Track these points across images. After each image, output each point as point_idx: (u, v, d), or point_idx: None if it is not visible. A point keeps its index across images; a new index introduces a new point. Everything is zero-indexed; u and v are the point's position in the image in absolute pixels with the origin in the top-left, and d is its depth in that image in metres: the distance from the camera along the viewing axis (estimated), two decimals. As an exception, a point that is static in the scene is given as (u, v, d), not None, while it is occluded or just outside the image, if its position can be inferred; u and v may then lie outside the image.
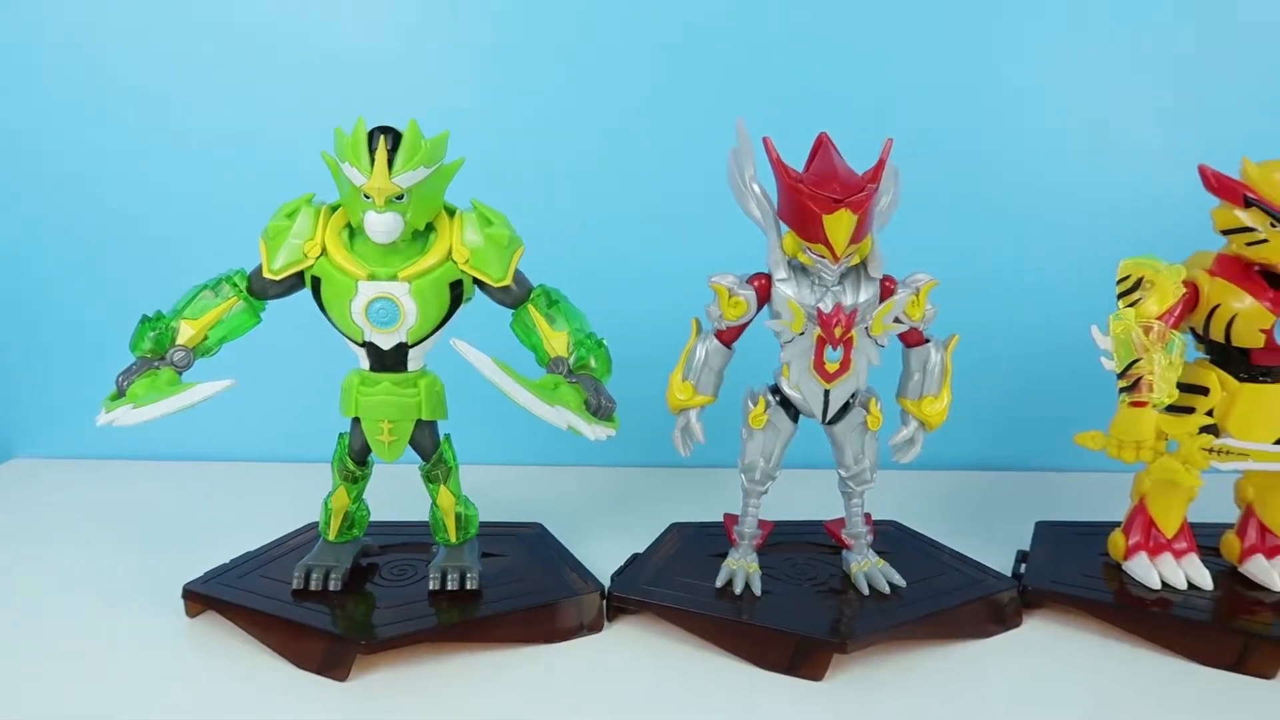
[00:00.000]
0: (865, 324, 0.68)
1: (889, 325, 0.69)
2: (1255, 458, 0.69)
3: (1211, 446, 0.69)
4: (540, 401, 0.65)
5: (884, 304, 0.68)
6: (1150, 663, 0.70)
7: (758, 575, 0.74)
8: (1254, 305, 0.70)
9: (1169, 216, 0.85)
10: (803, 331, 0.69)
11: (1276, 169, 0.69)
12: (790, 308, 0.68)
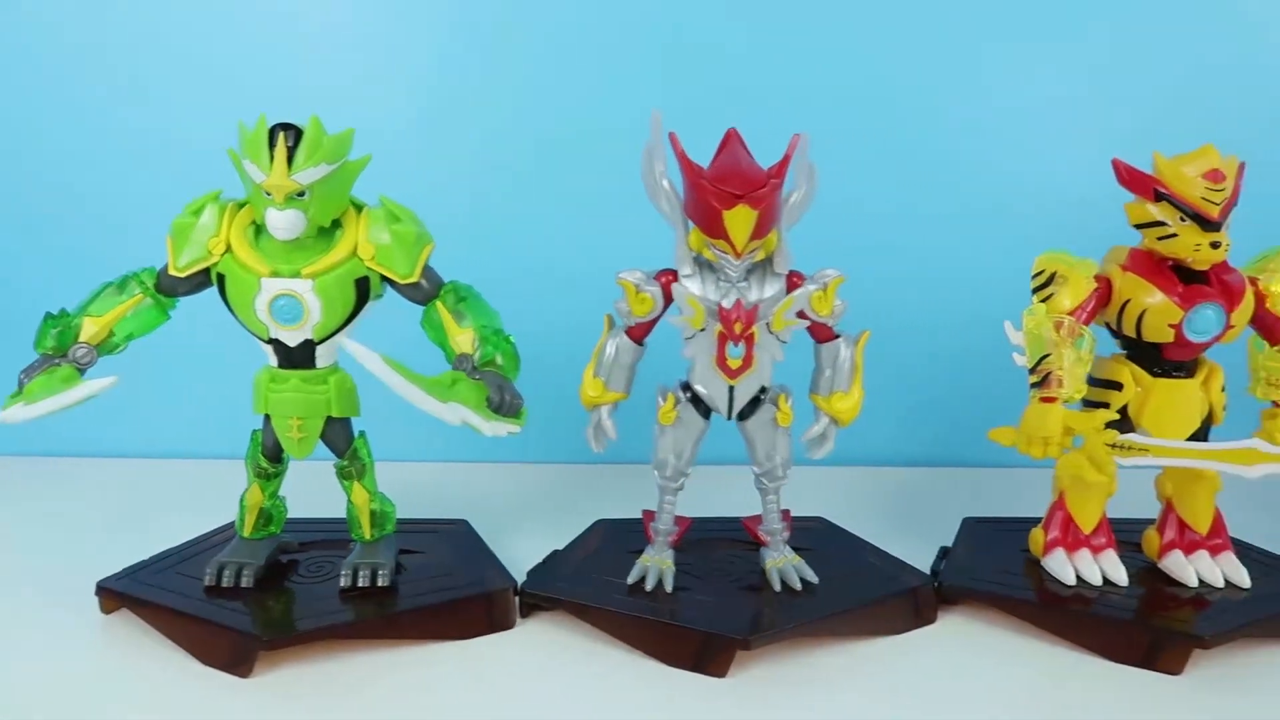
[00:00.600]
0: (766, 320, 0.68)
1: (790, 321, 0.68)
2: (1154, 453, 0.69)
3: (1114, 442, 0.69)
4: (431, 398, 0.64)
5: (784, 299, 0.68)
6: (1060, 659, 0.70)
7: (671, 572, 0.74)
8: (1163, 300, 0.70)
9: (1103, 212, 0.85)
10: (704, 328, 0.68)
11: (1186, 163, 0.69)
12: (690, 304, 0.68)
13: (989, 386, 1.04)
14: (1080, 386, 0.70)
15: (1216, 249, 0.68)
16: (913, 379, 1.06)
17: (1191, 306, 0.69)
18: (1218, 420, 0.74)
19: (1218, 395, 0.73)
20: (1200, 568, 0.75)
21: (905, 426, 1.07)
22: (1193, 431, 0.72)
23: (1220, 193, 0.67)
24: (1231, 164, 0.69)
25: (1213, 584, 0.74)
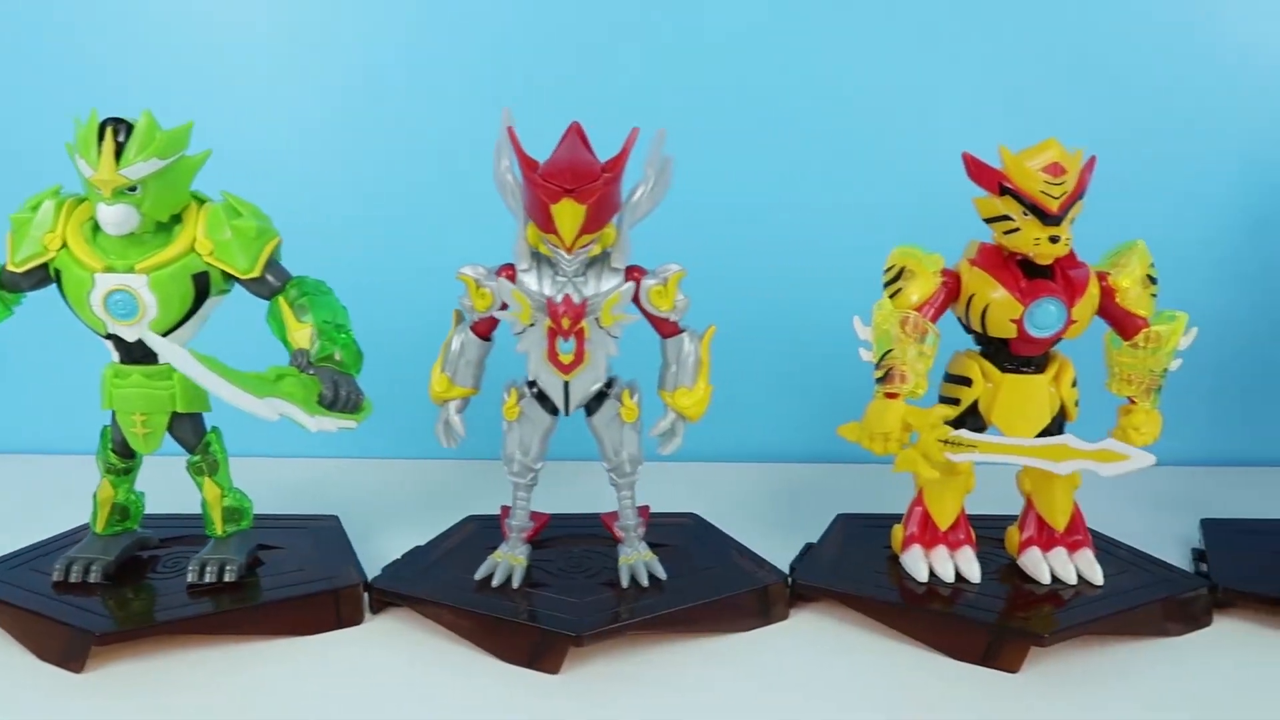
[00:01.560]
0: (596, 315, 0.67)
1: (619, 316, 0.68)
2: (981, 449, 0.68)
3: (945, 438, 0.68)
4: (246, 394, 0.64)
5: (610, 294, 0.67)
6: (903, 656, 0.69)
7: (522, 568, 0.74)
8: (1005, 295, 0.69)
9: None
10: (533, 323, 0.68)
11: (1031, 157, 0.68)
12: (516, 298, 0.67)
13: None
14: (922, 382, 0.69)
15: (1056, 243, 0.67)
16: (804, 374, 1.06)
17: (1032, 301, 0.68)
18: (1070, 416, 0.73)
19: (1068, 391, 0.72)
20: (1055, 565, 0.74)
21: (795, 421, 1.06)
22: (1044, 427, 0.72)
23: (1060, 187, 0.67)
24: (1075, 158, 0.68)
25: (1066, 581, 0.73)
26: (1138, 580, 0.74)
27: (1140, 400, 0.72)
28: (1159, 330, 0.70)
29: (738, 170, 1.01)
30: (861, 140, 1.02)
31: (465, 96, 1.00)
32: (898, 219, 1.00)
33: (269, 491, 0.92)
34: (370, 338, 0.73)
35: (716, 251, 0.99)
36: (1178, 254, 0.99)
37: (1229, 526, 0.84)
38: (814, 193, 1.02)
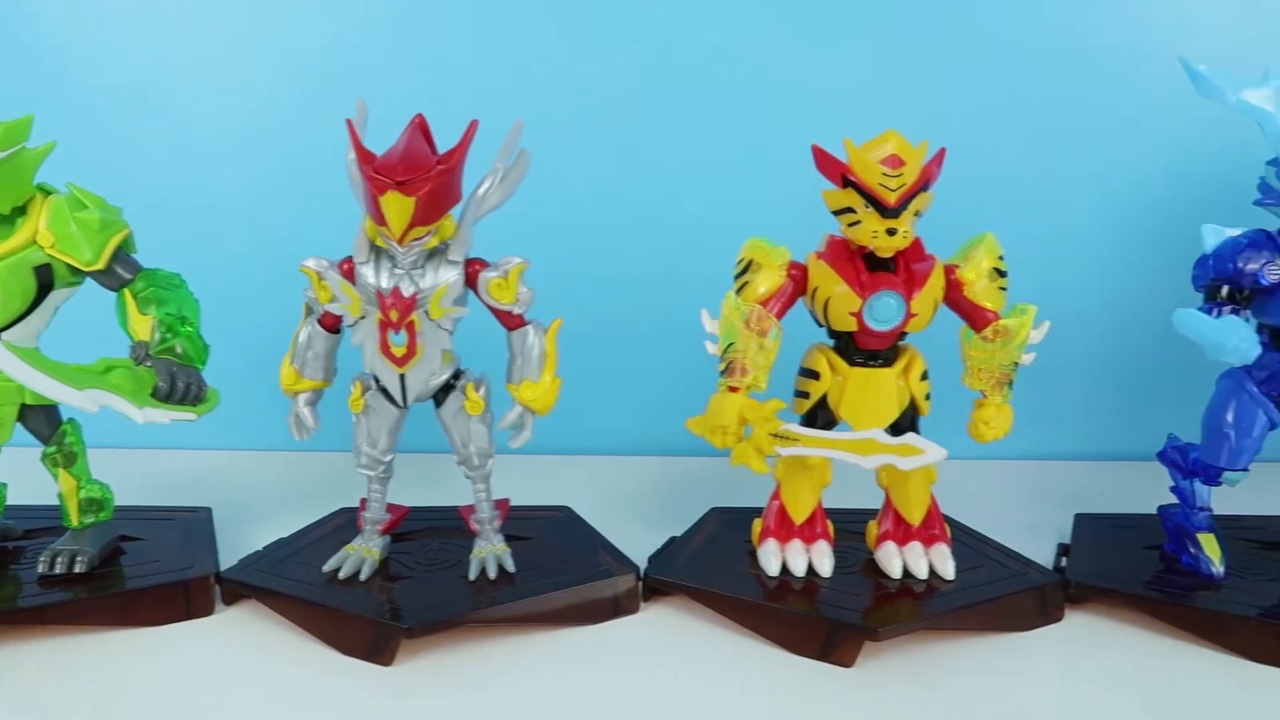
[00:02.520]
0: (425, 308, 0.67)
1: (448, 309, 0.68)
2: (805, 443, 0.67)
3: (775, 432, 0.68)
4: (61, 386, 0.64)
5: (438, 287, 0.67)
6: (745, 650, 0.69)
7: (373, 561, 0.74)
8: (845, 288, 0.69)
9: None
10: (363, 315, 0.68)
11: (872, 150, 0.67)
12: (344, 291, 0.67)
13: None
14: (762, 376, 0.69)
15: (894, 236, 0.67)
16: (696, 366, 1.05)
17: (871, 294, 0.68)
18: (922, 410, 0.73)
19: (917, 384, 0.72)
20: (909, 559, 0.74)
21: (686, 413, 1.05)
22: (892, 421, 0.71)
23: (898, 179, 0.66)
24: (917, 151, 0.67)
25: (917, 575, 0.73)
26: (993, 575, 0.74)
27: (991, 394, 0.71)
28: (1007, 323, 0.70)
29: (606, 167, 1.01)
30: (755, 136, 1.01)
31: (333, 90, 0.99)
32: (786, 217, 1.01)
33: (150, 483, 0.93)
34: (255, 331, 0.73)
35: (609, 244, 1.00)
36: (1063, 250, 1.01)
37: (1102, 521, 0.84)
38: (699, 189, 1.02)
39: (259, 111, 1.02)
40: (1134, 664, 0.68)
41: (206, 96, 1.01)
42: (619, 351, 1.03)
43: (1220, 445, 0.72)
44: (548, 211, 0.98)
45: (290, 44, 1.00)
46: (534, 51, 1.00)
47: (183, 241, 0.88)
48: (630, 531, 0.82)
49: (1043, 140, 1.00)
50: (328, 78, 1.00)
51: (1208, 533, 0.75)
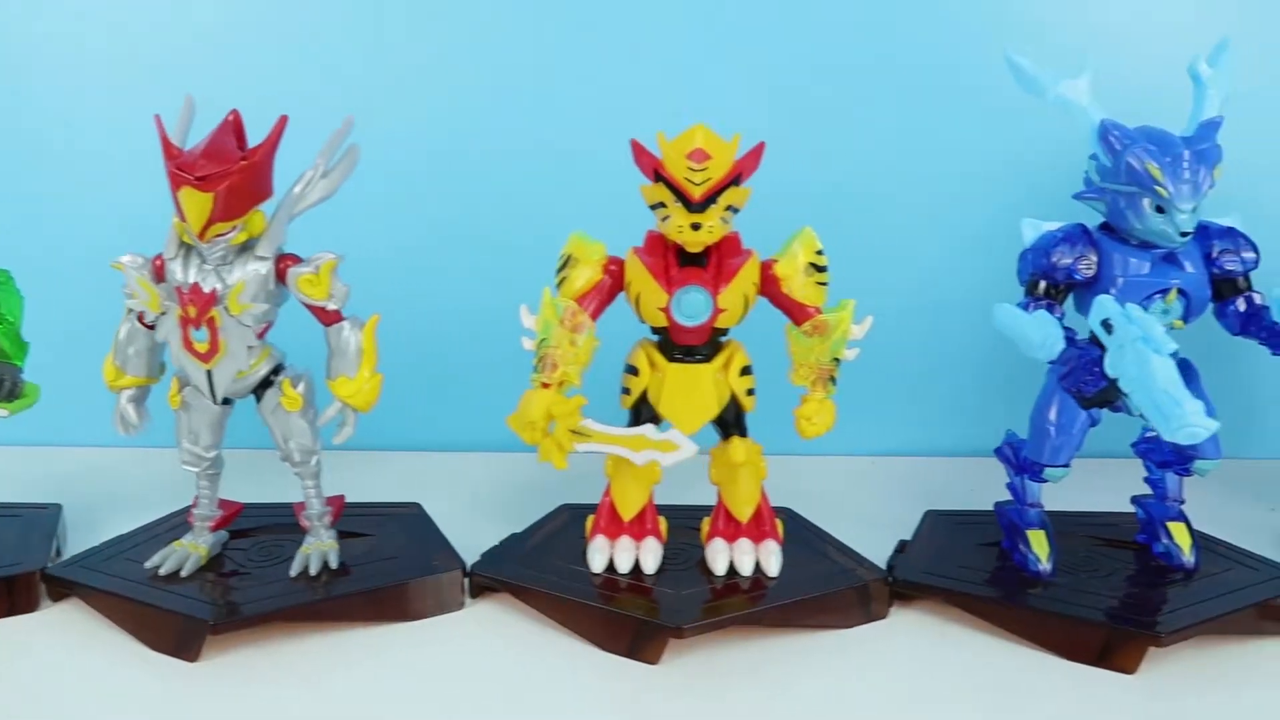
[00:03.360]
0: (225, 304, 0.67)
1: (247, 305, 0.67)
2: (594, 439, 0.67)
3: (574, 428, 0.67)
4: None
5: (236, 283, 0.67)
6: (557, 648, 0.69)
7: (196, 558, 0.73)
8: (653, 283, 0.68)
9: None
10: (163, 310, 0.68)
11: (682, 145, 0.67)
12: (141, 286, 0.67)
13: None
14: (573, 372, 0.68)
15: (698, 231, 0.66)
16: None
17: (677, 290, 0.68)
18: (745, 406, 0.72)
19: (737, 380, 0.71)
20: (736, 556, 0.73)
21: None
22: (711, 416, 0.71)
23: (702, 173, 0.66)
24: (727, 145, 0.67)
25: (741, 572, 0.73)
26: (821, 571, 0.74)
27: (813, 390, 0.70)
28: (824, 319, 0.69)
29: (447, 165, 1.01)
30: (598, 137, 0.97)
31: (160, 84, 0.97)
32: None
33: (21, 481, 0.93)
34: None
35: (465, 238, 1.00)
36: (912, 245, 1.01)
37: (950, 518, 0.83)
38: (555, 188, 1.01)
39: (94, 104, 1.00)
40: (949, 661, 0.68)
41: (36, 91, 1.00)
42: (477, 346, 1.02)
43: (1042, 442, 0.71)
44: (411, 212, 1.00)
45: (120, 37, 0.99)
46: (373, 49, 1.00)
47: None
48: (483, 529, 0.81)
49: (883, 136, 0.99)
50: (148, 70, 0.99)
51: (1038, 530, 0.74)
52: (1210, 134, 0.66)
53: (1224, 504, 0.91)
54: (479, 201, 1.01)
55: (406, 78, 1.00)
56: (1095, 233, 0.70)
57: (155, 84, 0.97)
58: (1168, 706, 0.63)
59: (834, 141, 0.99)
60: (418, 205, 1.01)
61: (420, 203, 1.01)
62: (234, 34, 0.99)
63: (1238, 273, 0.69)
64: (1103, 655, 0.66)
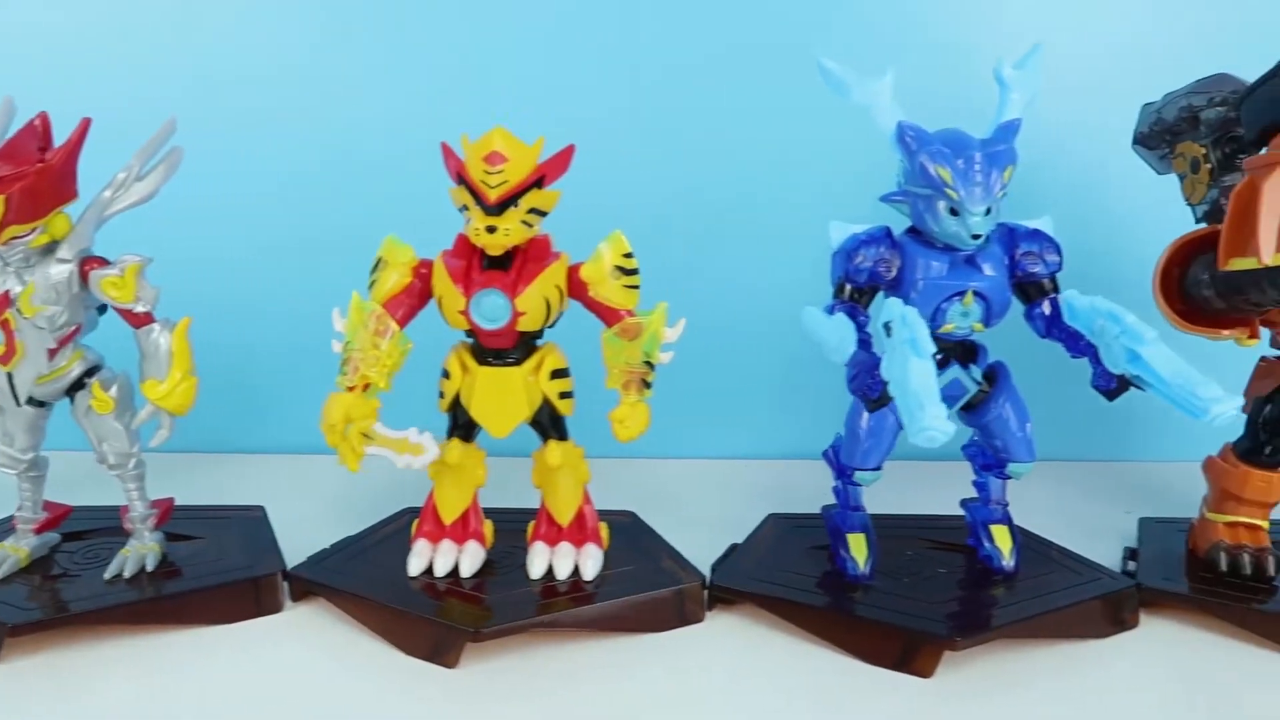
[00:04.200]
0: (17, 306, 0.67)
1: (39, 307, 0.67)
2: (379, 443, 0.67)
3: (365, 431, 0.67)
4: None
5: (27, 286, 0.67)
6: (364, 653, 0.69)
7: (15, 560, 0.73)
8: (453, 287, 0.68)
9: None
10: None
11: (481, 147, 0.66)
12: None
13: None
14: (374, 374, 0.68)
15: (494, 234, 0.66)
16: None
17: (475, 293, 0.67)
18: (561, 409, 0.72)
19: (548, 384, 0.71)
20: (555, 560, 0.73)
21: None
22: (522, 419, 0.71)
23: (498, 176, 0.65)
24: (528, 149, 0.66)
25: (559, 576, 0.72)
26: (640, 575, 0.73)
27: (625, 393, 0.70)
28: (633, 322, 0.69)
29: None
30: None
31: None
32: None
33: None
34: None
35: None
36: (771, 246, 1.01)
37: (790, 520, 0.83)
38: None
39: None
40: (755, 667, 0.67)
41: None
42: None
43: (853, 445, 0.71)
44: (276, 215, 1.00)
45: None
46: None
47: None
48: (325, 531, 0.81)
49: (726, 143, 0.99)
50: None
51: (858, 533, 0.74)
52: (1007, 136, 0.66)
53: (1082, 506, 0.92)
54: (351, 203, 1.01)
55: (243, 78, 1.00)
56: (901, 236, 0.69)
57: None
58: (957, 710, 0.63)
59: (674, 147, 0.99)
60: (276, 209, 1.01)
61: (279, 206, 1.01)
62: (73, 37, 0.99)
63: (1041, 275, 0.68)
64: (902, 660, 0.66)
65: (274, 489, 0.90)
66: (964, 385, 0.70)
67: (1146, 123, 0.77)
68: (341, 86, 1.00)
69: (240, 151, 0.99)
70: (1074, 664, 0.68)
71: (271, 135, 1.00)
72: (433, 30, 0.99)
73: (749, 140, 0.99)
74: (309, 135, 1.01)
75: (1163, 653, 0.69)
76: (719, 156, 1.00)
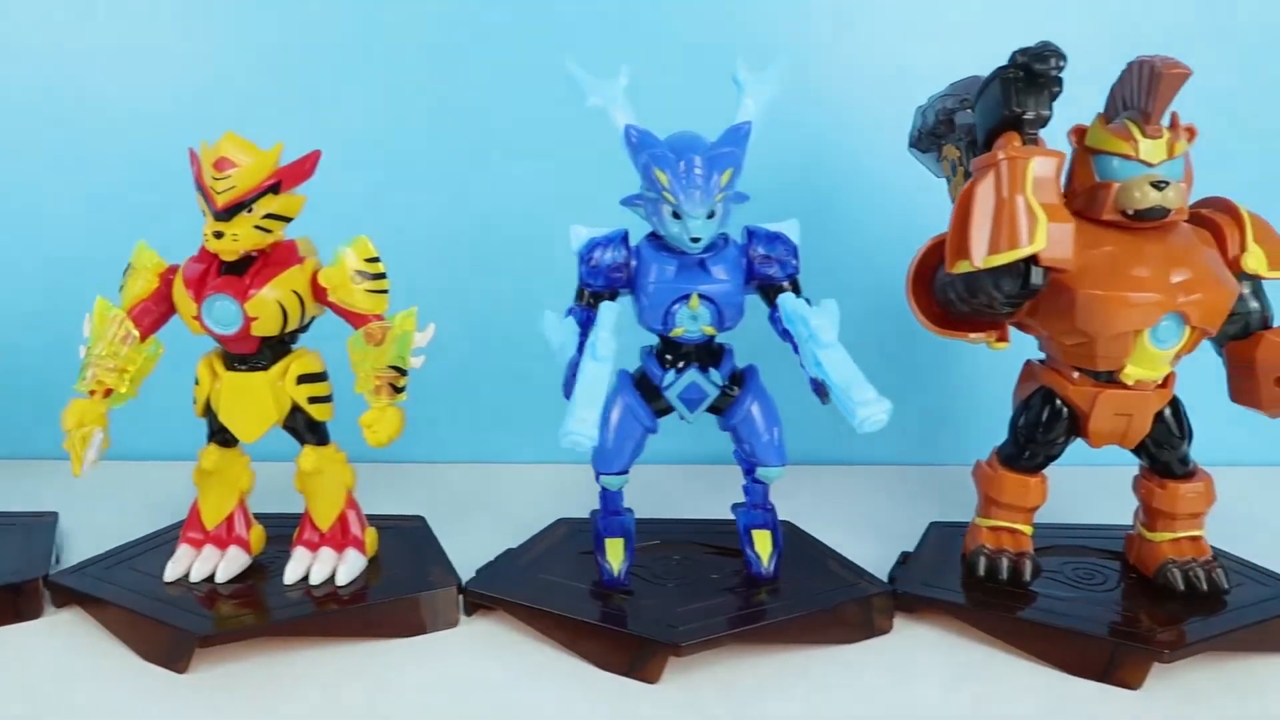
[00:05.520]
0: None
1: None
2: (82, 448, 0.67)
3: (87, 437, 0.67)
4: None
5: None
6: (116, 662, 0.68)
7: None
8: (185, 291, 0.68)
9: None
10: None
11: (212, 153, 0.67)
12: None
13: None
14: (122, 381, 0.68)
15: (220, 239, 0.66)
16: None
17: (205, 298, 0.68)
18: (315, 414, 0.72)
19: (295, 388, 0.71)
20: (315, 565, 0.73)
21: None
22: (271, 424, 0.71)
23: (224, 182, 0.66)
24: (262, 153, 0.67)
25: (311, 581, 0.72)
26: (398, 579, 0.73)
27: (373, 398, 0.70)
28: (375, 326, 0.69)
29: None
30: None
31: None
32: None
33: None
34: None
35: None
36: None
37: (574, 525, 0.82)
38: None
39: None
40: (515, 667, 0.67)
41: None
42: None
43: (599, 449, 0.71)
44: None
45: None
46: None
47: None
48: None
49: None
50: None
51: (616, 538, 0.73)
52: (733, 139, 0.65)
53: (897, 510, 0.91)
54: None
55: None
56: (642, 239, 0.69)
57: None
58: (676, 714, 0.63)
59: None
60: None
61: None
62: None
63: (777, 278, 0.68)
64: (632, 666, 0.66)
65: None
66: (703, 389, 0.70)
67: (915, 126, 0.76)
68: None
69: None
70: (820, 669, 0.67)
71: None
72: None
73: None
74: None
75: (907, 658, 0.68)
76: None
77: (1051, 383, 0.71)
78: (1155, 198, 0.64)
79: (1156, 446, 0.71)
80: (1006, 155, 0.62)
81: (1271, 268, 0.68)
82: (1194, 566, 0.71)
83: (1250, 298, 0.69)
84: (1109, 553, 0.77)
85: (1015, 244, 0.61)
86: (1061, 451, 0.72)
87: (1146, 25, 0.96)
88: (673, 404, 0.70)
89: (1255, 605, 0.69)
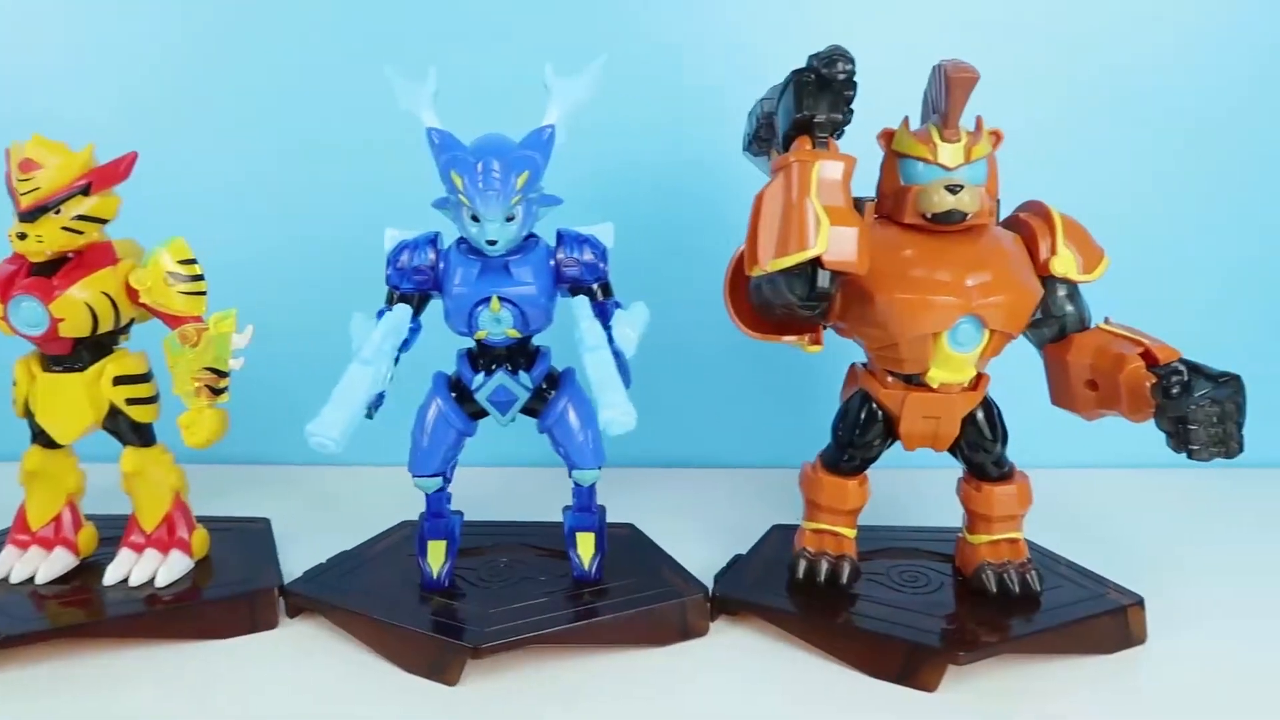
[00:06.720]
0: None
1: None
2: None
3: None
4: None
5: None
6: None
7: None
8: None
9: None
10: None
11: (18, 154, 0.67)
12: None
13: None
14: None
15: (24, 240, 0.66)
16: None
17: (11, 299, 0.68)
18: (135, 416, 0.72)
19: (110, 389, 0.71)
20: (137, 566, 0.73)
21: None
22: (88, 424, 0.71)
23: (27, 183, 0.66)
24: (73, 155, 0.67)
25: (132, 582, 0.72)
26: (219, 580, 0.73)
27: (191, 400, 0.70)
28: (188, 328, 0.68)
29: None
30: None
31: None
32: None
33: None
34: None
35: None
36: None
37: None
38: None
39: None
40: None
41: None
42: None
43: (414, 450, 0.71)
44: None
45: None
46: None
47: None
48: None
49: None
50: None
51: (439, 540, 0.73)
52: (534, 142, 0.65)
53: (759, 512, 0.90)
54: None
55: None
56: (453, 243, 0.69)
57: None
58: (469, 716, 0.63)
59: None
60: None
61: None
62: None
63: (584, 280, 0.68)
64: (432, 669, 0.66)
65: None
66: (512, 391, 0.70)
67: (746, 130, 0.76)
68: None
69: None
70: (625, 672, 0.67)
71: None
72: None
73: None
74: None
75: (715, 660, 0.68)
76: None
77: (868, 386, 0.71)
78: (950, 201, 0.64)
79: (970, 449, 0.71)
80: (796, 159, 0.62)
81: (1083, 272, 0.68)
82: (1008, 569, 0.71)
83: (1066, 300, 0.69)
84: (941, 555, 0.78)
85: (802, 246, 0.61)
86: (879, 454, 0.72)
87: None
88: (484, 406, 0.71)
89: (1065, 607, 0.70)
